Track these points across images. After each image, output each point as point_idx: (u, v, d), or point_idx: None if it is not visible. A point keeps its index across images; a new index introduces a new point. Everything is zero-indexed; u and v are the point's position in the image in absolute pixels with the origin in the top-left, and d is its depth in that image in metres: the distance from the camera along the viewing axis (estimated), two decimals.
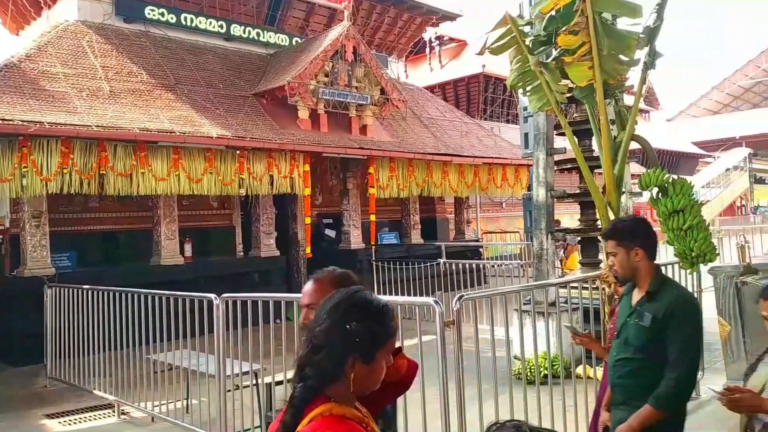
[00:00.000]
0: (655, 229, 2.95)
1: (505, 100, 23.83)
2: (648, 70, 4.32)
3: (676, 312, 2.62)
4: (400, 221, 15.23)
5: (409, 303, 4.16)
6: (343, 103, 12.56)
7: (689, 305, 2.69)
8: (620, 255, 2.78)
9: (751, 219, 32.04)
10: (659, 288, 2.72)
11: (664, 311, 2.63)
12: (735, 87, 49.70)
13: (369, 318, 1.50)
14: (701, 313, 2.73)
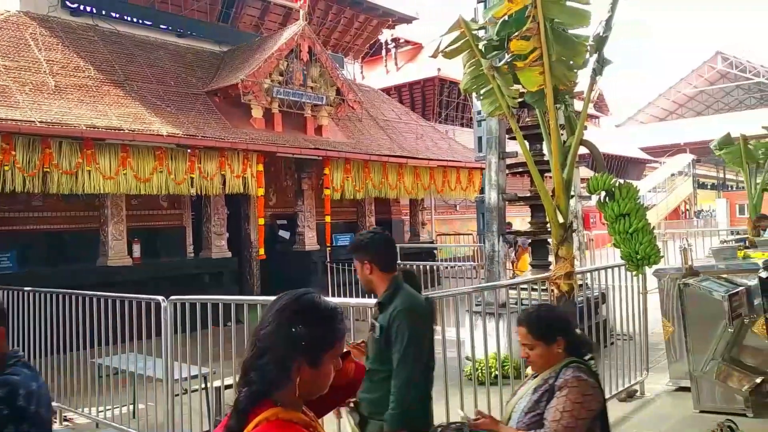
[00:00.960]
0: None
1: (459, 103, 24.10)
2: (596, 76, 4.42)
3: (396, 319, 2.63)
4: (356, 223, 15.20)
5: (362, 305, 4.14)
6: (298, 103, 12.47)
7: (410, 312, 2.65)
8: (358, 268, 2.84)
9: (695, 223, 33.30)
10: (390, 298, 2.72)
11: (388, 320, 2.65)
12: (680, 95, 51.57)
13: (315, 321, 1.47)
14: (425, 318, 2.69)
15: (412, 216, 16.84)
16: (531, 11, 4.01)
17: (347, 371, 1.66)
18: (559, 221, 4.27)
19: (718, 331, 5.25)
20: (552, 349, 2.62)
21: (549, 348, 2.62)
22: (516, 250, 12.13)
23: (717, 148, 9.01)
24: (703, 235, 15.02)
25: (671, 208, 37.06)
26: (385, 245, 2.86)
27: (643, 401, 5.74)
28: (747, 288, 5.55)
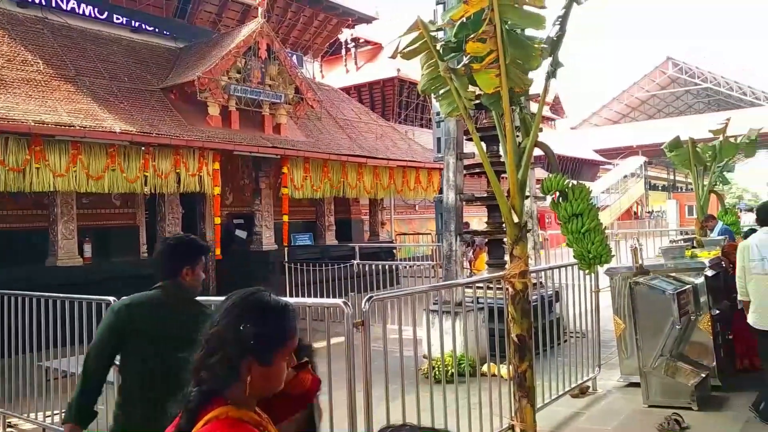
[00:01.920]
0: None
1: (419, 104, 24.22)
2: (550, 79, 4.51)
3: None
4: (315, 222, 15.13)
5: (318, 305, 4.13)
6: (255, 101, 12.33)
7: (109, 312, 2.78)
8: None
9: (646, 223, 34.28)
10: None
11: None
12: (633, 99, 52.99)
13: (264, 319, 1.46)
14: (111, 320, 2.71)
15: (372, 215, 16.85)
16: (487, 14, 4.06)
17: (304, 381, 1.65)
18: (514, 221, 4.33)
19: (666, 328, 5.42)
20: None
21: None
22: (473, 250, 12.29)
23: (667, 150, 9.30)
24: (654, 235, 15.47)
25: (624, 209, 38.09)
26: (161, 254, 2.86)
27: (595, 397, 5.88)
28: (694, 286, 5.76)
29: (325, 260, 11.44)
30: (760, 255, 4.63)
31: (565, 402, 5.54)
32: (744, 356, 6.32)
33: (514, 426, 4.36)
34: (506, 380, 4.51)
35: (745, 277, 4.77)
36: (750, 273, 4.71)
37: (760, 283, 4.62)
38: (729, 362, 6.14)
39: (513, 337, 4.23)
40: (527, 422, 4.20)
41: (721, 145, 8.89)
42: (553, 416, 5.21)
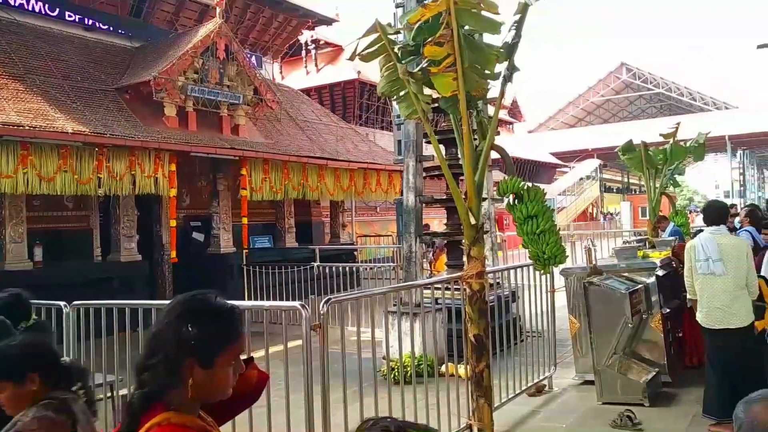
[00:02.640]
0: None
1: (380, 107, 24.28)
2: (507, 83, 4.57)
3: None
4: (274, 224, 14.98)
5: (276, 308, 4.10)
6: (213, 102, 12.16)
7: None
8: None
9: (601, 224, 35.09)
10: None
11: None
12: (588, 103, 54.18)
13: (207, 321, 1.44)
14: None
15: (333, 218, 16.80)
16: (445, 18, 4.10)
17: (250, 378, 1.64)
18: (471, 223, 4.38)
19: (619, 326, 5.56)
20: (24, 388, 2.19)
21: (20, 388, 2.19)
22: (433, 251, 12.37)
23: (621, 153, 9.53)
24: (608, 236, 15.86)
25: (580, 211, 38.93)
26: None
27: (551, 395, 5.99)
28: (645, 286, 5.92)
29: (285, 263, 11.34)
30: (705, 255, 4.75)
31: (521, 401, 5.63)
32: (693, 353, 6.53)
33: (471, 425, 4.41)
34: (464, 380, 4.56)
35: (693, 277, 4.90)
36: (696, 273, 4.83)
37: (706, 283, 4.75)
38: (679, 359, 6.34)
39: (470, 337, 4.28)
40: (485, 421, 4.26)
41: (671, 149, 9.15)
42: (511, 415, 5.28)
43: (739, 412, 1.33)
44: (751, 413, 1.30)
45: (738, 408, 1.34)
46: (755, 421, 1.28)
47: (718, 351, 4.77)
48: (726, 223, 5.33)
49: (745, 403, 1.33)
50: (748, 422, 1.29)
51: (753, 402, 1.32)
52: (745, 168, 46.84)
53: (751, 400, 1.33)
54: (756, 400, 1.32)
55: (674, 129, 9.40)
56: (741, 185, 45.44)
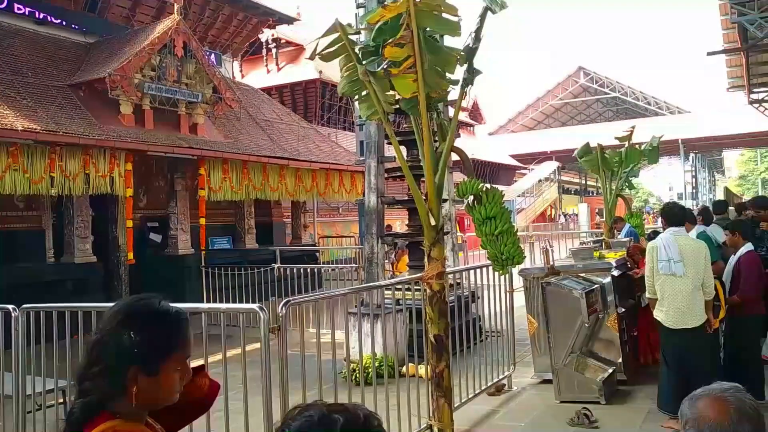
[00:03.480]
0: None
1: (342, 107, 24.21)
2: (467, 86, 4.61)
3: None
4: (234, 225, 14.77)
5: (233, 310, 4.03)
6: (171, 100, 11.93)
7: None
8: None
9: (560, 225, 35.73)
10: None
11: None
12: (547, 106, 55.12)
13: (149, 327, 1.39)
14: None
15: (294, 218, 16.67)
16: (405, 19, 4.10)
17: (201, 386, 1.59)
18: (431, 224, 4.39)
19: (576, 326, 5.66)
20: None
21: None
22: (395, 252, 12.39)
23: (578, 156, 9.71)
24: (566, 237, 16.14)
25: (538, 212, 39.58)
26: None
27: (511, 394, 6.06)
28: (601, 286, 6.05)
29: (244, 264, 11.19)
30: (666, 256, 4.84)
31: (481, 400, 5.68)
32: (647, 351, 6.69)
33: (432, 425, 4.42)
34: (425, 380, 4.57)
35: (654, 277, 4.98)
36: (658, 273, 4.92)
37: (667, 283, 4.86)
38: (633, 357, 6.49)
39: (430, 337, 4.29)
40: (444, 421, 4.27)
41: (626, 152, 9.35)
42: (470, 414, 5.32)
43: (684, 409, 1.36)
44: (696, 409, 1.33)
45: (683, 405, 1.37)
46: (701, 417, 1.31)
47: (674, 348, 4.90)
48: (684, 225, 5.48)
49: (690, 400, 1.36)
50: (694, 419, 1.32)
51: (697, 398, 1.35)
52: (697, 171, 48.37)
53: (695, 397, 1.36)
54: (700, 396, 1.35)
55: (629, 132, 9.62)
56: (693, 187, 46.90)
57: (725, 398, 1.31)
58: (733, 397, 1.31)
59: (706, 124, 40.77)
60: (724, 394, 1.33)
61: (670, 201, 6.63)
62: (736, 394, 1.32)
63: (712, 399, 1.32)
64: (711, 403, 1.32)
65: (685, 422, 1.34)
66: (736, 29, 16.91)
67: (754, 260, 5.41)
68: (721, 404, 1.30)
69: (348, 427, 1.02)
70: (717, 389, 1.35)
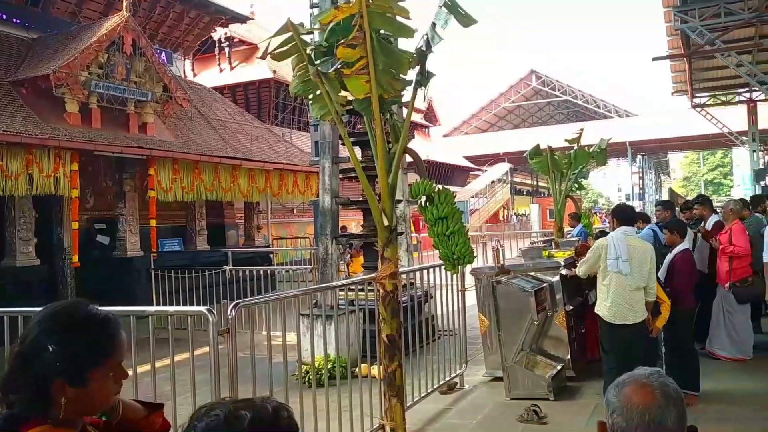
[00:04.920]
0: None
1: (296, 107, 24.05)
2: (419, 88, 4.64)
3: None
4: (185, 227, 14.50)
5: (181, 313, 3.96)
6: (119, 99, 11.63)
7: None
8: None
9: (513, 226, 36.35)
10: None
11: None
12: (500, 108, 56.00)
13: (74, 338, 1.31)
14: None
15: (247, 220, 16.47)
16: (357, 20, 4.11)
17: (152, 423, 1.54)
18: (385, 224, 4.41)
19: (526, 324, 5.77)
20: None
21: None
22: (350, 253, 12.38)
23: (529, 158, 9.90)
24: (518, 237, 16.44)
25: (491, 212, 40.16)
26: None
27: (462, 392, 6.12)
28: (550, 284, 6.18)
29: (196, 267, 10.99)
30: (615, 253, 4.97)
31: (434, 399, 5.72)
32: (594, 348, 6.86)
33: (384, 425, 4.44)
34: (378, 380, 4.58)
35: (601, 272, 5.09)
36: (606, 270, 5.04)
37: (613, 280, 4.99)
38: (581, 354, 6.66)
39: (383, 337, 4.31)
40: (397, 421, 4.29)
41: (575, 154, 9.58)
42: (423, 413, 5.36)
43: (610, 397, 1.38)
44: (622, 396, 1.35)
45: (609, 393, 1.39)
46: (628, 404, 1.32)
47: (614, 343, 5.04)
48: (634, 225, 5.65)
49: (615, 387, 1.38)
50: (620, 406, 1.33)
51: (622, 385, 1.37)
52: (644, 172, 50.01)
53: (620, 384, 1.38)
54: (625, 383, 1.37)
55: (578, 135, 9.86)
56: (640, 188, 48.48)
57: (650, 383, 1.33)
58: (657, 382, 1.33)
59: (653, 127, 42.14)
60: (649, 379, 1.34)
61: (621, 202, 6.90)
62: (660, 378, 1.34)
63: (638, 385, 1.34)
64: (637, 389, 1.33)
65: (612, 411, 1.36)
66: (679, 36, 17.56)
67: (688, 259, 5.68)
68: (647, 390, 1.32)
69: (256, 422, 1.00)
70: (641, 374, 1.37)
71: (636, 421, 1.30)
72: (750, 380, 6.02)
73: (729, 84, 23.68)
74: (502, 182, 43.29)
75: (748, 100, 24.93)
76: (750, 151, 26.19)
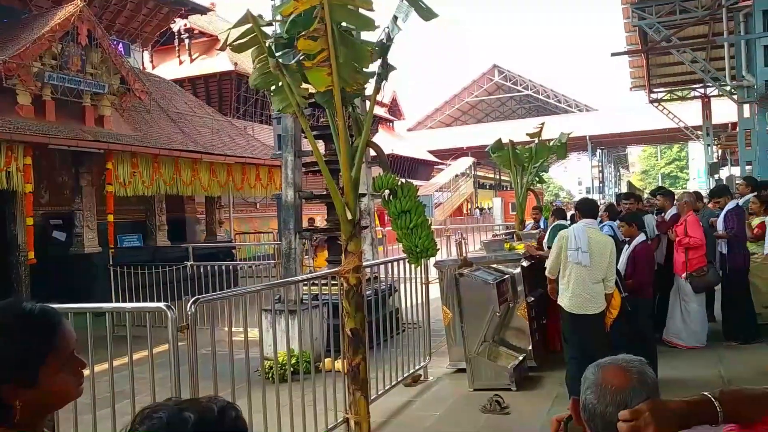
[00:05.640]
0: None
1: (258, 99, 23.76)
2: (381, 81, 4.63)
3: None
4: (144, 222, 14.19)
5: (140, 309, 3.87)
6: (75, 90, 11.30)
7: None
8: None
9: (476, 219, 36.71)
10: None
11: None
12: (463, 103, 56.39)
13: (10, 338, 1.25)
14: None
15: (209, 214, 16.22)
16: (318, 12, 4.06)
17: None
18: (348, 218, 4.40)
19: (488, 315, 5.83)
20: None
21: None
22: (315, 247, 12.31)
23: (491, 152, 9.99)
24: (482, 230, 16.62)
25: (455, 206, 40.49)
26: None
27: (426, 384, 6.17)
28: (512, 276, 6.26)
29: (156, 263, 10.77)
30: (576, 245, 5.06)
31: (398, 391, 5.75)
32: (556, 338, 6.99)
33: (348, 419, 4.43)
34: (342, 375, 4.57)
35: (562, 263, 5.18)
36: (566, 261, 5.13)
37: (573, 271, 5.08)
38: (543, 344, 6.77)
39: (347, 331, 4.30)
40: (361, 414, 4.29)
41: (536, 148, 9.72)
42: (387, 406, 5.38)
43: (588, 374, 1.42)
44: (599, 375, 1.39)
45: (588, 370, 1.43)
46: (603, 383, 1.36)
47: (575, 333, 5.14)
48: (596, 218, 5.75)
49: (595, 366, 1.43)
50: (596, 383, 1.37)
51: (603, 366, 1.41)
52: (603, 166, 51.06)
53: (601, 364, 1.42)
54: (606, 364, 1.41)
55: (539, 129, 10.00)
56: (600, 182, 49.50)
57: (629, 368, 1.38)
58: (636, 368, 1.38)
59: (612, 121, 43.03)
60: (629, 364, 1.39)
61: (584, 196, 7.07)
62: (641, 366, 1.39)
63: (617, 367, 1.38)
64: (615, 370, 1.38)
65: (587, 387, 1.39)
66: (637, 32, 17.94)
67: (648, 249, 5.82)
68: (624, 373, 1.36)
69: (200, 424, 0.96)
70: (624, 359, 1.42)
71: (607, 400, 1.34)
72: (705, 367, 6.21)
73: (684, 80, 24.33)
74: (465, 176, 43.64)
75: (702, 95, 25.67)
76: (704, 145, 26.99)
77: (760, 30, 13.07)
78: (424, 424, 5.06)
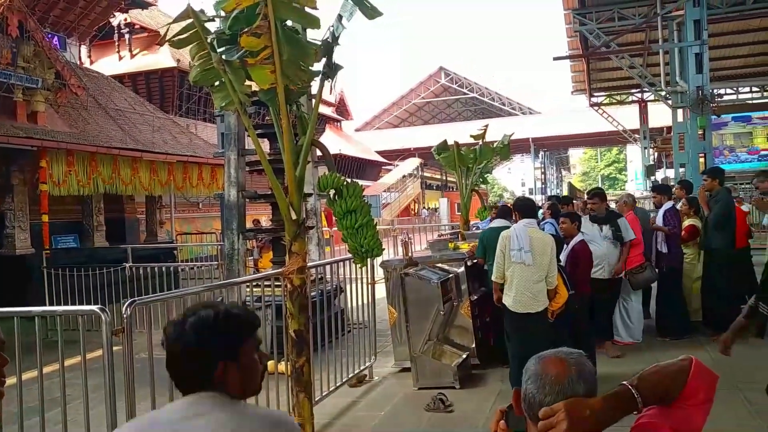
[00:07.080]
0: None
1: (201, 97, 23.26)
2: (327, 79, 4.59)
3: None
4: (81, 222, 13.67)
5: (71, 313, 3.71)
6: (5, 85, 10.78)
7: None
8: None
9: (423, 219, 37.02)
10: None
11: None
12: (410, 104, 56.76)
13: None
14: None
15: (149, 214, 15.77)
16: (262, 9, 4.00)
17: None
18: (292, 218, 4.34)
19: (432, 314, 5.88)
20: None
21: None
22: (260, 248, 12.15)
23: (436, 153, 10.09)
24: (427, 230, 16.75)
25: (403, 206, 40.72)
26: None
27: (372, 384, 6.16)
28: (456, 275, 6.32)
29: (93, 264, 10.38)
30: (518, 245, 5.15)
31: (343, 392, 5.72)
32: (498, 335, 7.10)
33: None
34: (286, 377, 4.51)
35: (505, 264, 5.27)
36: (509, 261, 5.22)
37: (516, 271, 5.17)
38: (486, 342, 6.86)
39: (291, 332, 4.24)
40: (305, 416, 4.24)
41: (480, 149, 9.87)
42: (332, 407, 5.34)
43: (530, 365, 1.45)
44: (540, 366, 1.42)
45: (530, 362, 1.46)
46: (543, 373, 1.39)
47: (518, 332, 5.24)
48: (536, 217, 5.87)
49: (537, 357, 1.46)
50: (536, 373, 1.41)
51: (543, 357, 1.44)
52: (546, 167, 52.37)
53: (543, 356, 1.45)
54: (547, 356, 1.45)
55: (483, 131, 10.16)
56: (543, 183, 50.75)
57: (568, 359, 1.41)
58: (575, 360, 1.41)
59: (554, 124, 44.19)
60: (569, 356, 1.42)
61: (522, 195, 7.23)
62: (580, 359, 1.43)
63: (557, 359, 1.42)
64: (555, 361, 1.41)
65: (527, 377, 1.42)
66: (578, 38, 18.48)
67: (586, 248, 6.01)
68: (564, 364, 1.40)
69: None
70: (564, 351, 1.45)
71: (547, 389, 1.37)
72: (641, 362, 6.42)
73: (623, 84, 25.23)
74: (412, 177, 43.96)
75: (639, 100, 26.69)
76: (642, 148, 28.05)
77: (692, 39, 13.65)
78: (369, 423, 5.04)
